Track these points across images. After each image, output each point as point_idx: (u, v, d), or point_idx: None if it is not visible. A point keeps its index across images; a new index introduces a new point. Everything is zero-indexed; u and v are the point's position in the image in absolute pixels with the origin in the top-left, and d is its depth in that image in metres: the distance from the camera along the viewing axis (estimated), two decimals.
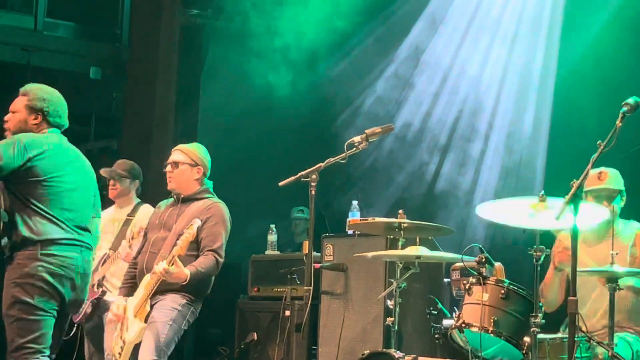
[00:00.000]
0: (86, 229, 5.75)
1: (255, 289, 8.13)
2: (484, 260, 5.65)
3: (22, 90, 5.87)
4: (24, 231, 5.52)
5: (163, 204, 6.53)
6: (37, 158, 5.56)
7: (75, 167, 5.80)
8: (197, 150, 6.44)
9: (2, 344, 5.63)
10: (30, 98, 5.79)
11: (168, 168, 6.37)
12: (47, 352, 5.54)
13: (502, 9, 9.32)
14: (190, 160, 6.37)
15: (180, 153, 6.41)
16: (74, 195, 5.71)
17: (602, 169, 6.12)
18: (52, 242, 5.56)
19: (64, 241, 5.60)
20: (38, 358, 5.49)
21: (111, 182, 7.42)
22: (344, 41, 9.77)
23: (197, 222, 5.91)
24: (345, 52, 9.96)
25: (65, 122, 5.87)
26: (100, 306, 7.09)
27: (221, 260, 6.11)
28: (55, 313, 5.57)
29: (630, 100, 4.64)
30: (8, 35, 10.11)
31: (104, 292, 7.06)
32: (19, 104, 5.80)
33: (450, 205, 9.18)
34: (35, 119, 5.75)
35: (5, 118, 5.83)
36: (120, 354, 6.02)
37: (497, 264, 6.01)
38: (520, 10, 9.23)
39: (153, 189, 8.78)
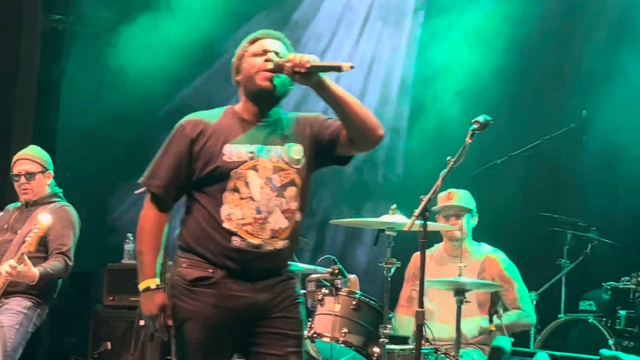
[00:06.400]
0: None
1: (111, 297, 8.02)
2: (337, 271, 5.73)
3: None
4: None
5: (11, 206, 6.41)
6: None
7: None
8: (41, 155, 6.35)
9: None
10: None
11: (22, 180, 6.24)
12: None
13: None
14: (41, 167, 6.29)
15: (31, 162, 6.29)
16: None
17: (452, 189, 6.29)
18: None
19: None
20: None
21: None
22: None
23: (48, 217, 5.77)
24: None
25: None
26: None
27: (71, 263, 6.06)
28: None
29: (480, 118, 4.70)
30: None
31: None
32: None
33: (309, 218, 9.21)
34: None
35: None
36: None
37: (353, 276, 6.08)
38: None
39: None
